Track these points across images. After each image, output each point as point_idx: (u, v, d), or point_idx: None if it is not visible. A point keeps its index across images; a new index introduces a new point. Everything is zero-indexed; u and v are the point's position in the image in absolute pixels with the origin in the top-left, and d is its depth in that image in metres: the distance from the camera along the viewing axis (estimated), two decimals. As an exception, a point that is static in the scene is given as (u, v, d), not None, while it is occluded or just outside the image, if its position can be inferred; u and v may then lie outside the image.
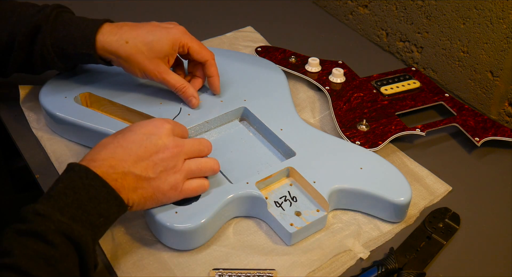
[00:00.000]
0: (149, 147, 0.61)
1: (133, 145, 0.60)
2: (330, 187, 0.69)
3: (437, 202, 0.75)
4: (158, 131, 0.62)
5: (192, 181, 0.65)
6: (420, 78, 0.92)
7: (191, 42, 0.76)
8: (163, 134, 0.62)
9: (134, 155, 0.60)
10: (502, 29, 0.83)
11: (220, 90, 0.83)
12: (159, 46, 0.74)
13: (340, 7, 1.11)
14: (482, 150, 0.83)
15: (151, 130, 0.62)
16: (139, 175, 0.60)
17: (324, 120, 0.86)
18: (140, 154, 0.60)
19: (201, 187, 0.65)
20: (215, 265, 0.65)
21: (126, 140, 0.61)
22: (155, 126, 0.63)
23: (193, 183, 0.65)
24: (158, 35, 0.74)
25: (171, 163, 0.62)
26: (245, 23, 1.08)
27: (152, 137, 0.62)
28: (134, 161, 0.60)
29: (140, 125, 0.63)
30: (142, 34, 0.74)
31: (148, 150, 0.61)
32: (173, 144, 0.62)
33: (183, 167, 0.63)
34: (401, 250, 0.67)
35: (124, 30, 0.74)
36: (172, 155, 0.62)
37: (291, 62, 0.94)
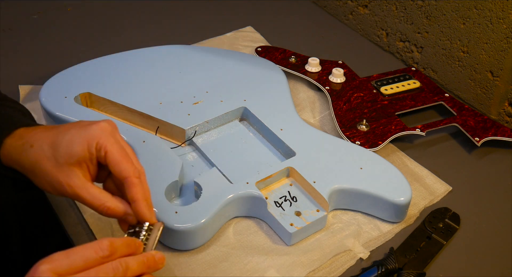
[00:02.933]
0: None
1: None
2: (330, 187, 0.69)
3: (437, 202, 0.75)
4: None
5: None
6: (420, 78, 0.92)
7: (112, 146, 0.55)
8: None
9: None
10: (502, 29, 0.83)
11: (220, 90, 0.83)
12: (68, 149, 0.54)
13: (340, 7, 1.11)
14: (482, 150, 0.83)
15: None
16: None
17: (324, 120, 0.86)
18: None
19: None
20: (215, 265, 0.65)
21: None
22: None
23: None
24: (70, 134, 0.55)
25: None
26: (245, 23, 1.08)
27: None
28: None
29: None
30: (51, 135, 0.56)
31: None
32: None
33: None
34: (401, 250, 0.67)
35: (36, 132, 0.57)
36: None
37: (291, 62, 0.94)
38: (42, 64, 0.95)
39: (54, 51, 0.99)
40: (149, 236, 0.56)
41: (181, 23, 1.08)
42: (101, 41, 1.02)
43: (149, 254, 0.53)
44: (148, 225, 0.56)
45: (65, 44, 1.01)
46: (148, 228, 0.56)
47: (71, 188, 0.54)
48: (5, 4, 1.10)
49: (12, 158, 0.57)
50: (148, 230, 0.56)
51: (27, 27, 1.05)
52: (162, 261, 0.53)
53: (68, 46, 1.01)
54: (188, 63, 0.89)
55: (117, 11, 1.11)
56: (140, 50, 0.92)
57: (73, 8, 1.11)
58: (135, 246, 0.52)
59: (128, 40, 1.02)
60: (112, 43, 1.01)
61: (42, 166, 0.55)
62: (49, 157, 0.55)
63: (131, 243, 0.52)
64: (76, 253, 0.48)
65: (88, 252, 0.48)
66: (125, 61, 0.88)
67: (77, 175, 0.55)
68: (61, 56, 0.98)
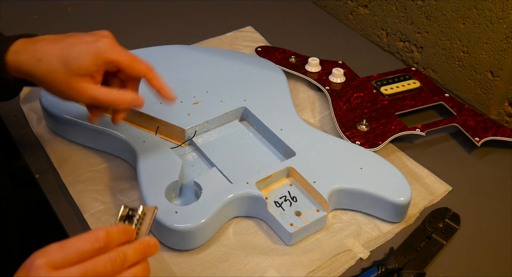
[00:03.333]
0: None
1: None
2: (330, 187, 0.69)
3: (437, 202, 0.75)
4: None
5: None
6: (420, 78, 0.92)
7: (120, 55, 0.63)
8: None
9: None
10: (502, 29, 0.83)
11: (220, 90, 0.83)
12: (77, 63, 0.61)
13: (340, 7, 1.11)
14: (482, 150, 0.83)
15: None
16: None
17: (324, 120, 0.86)
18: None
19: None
20: (215, 265, 0.65)
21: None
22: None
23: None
24: (76, 50, 0.62)
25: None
26: (245, 23, 1.08)
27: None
28: None
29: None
30: (58, 50, 0.62)
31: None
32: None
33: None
34: (401, 250, 0.67)
35: (38, 46, 0.63)
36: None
37: (291, 62, 0.94)
38: (42, 64, 0.95)
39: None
40: (142, 220, 0.55)
41: (181, 23, 1.08)
42: (101, 41, 1.02)
43: (144, 241, 0.52)
44: (142, 209, 0.56)
45: (65, 44, 1.01)
46: (142, 212, 0.56)
47: (84, 92, 0.62)
48: (5, 4, 1.10)
49: (22, 71, 0.62)
50: (142, 214, 0.56)
51: (27, 27, 1.05)
52: (156, 246, 0.53)
53: (68, 46, 1.00)
54: (188, 63, 0.89)
55: (117, 11, 1.11)
56: (140, 50, 0.91)
57: (73, 8, 1.11)
58: (130, 234, 0.52)
59: (128, 40, 1.02)
60: (112, 43, 1.01)
61: (54, 78, 0.61)
62: (59, 69, 0.61)
63: (126, 230, 0.52)
64: (72, 245, 0.47)
65: (84, 244, 0.47)
66: (125, 61, 0.88)
67: (87, 82, 0.62)
68: (61, 56, 0.97)
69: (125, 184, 0.74)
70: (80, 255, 0.47)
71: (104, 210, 0.70)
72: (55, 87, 0.63)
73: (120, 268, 0.49)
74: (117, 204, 0.71)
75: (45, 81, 0.62)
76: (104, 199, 0.71)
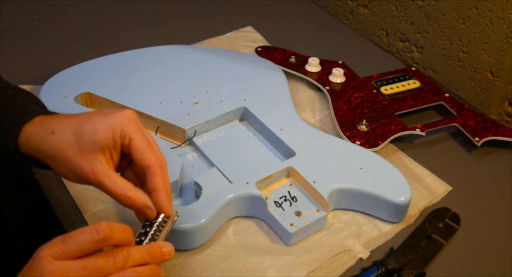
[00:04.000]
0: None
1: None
2: (330, 187, 0.69)
3: (437, 202, 0.75)
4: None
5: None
6: (420, 78, 0.92)
7: (136, 135, 0.55)
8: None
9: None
10: (502, 29, 0.83)
11: (220, 90, 0.83)
12: (92, 135, 0.54)
13: (340, 7, 1.11)
14: (482, 150, 0.83)
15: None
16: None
17: (324, 120, 0.86)
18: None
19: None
20: (215, 265, 0.65)
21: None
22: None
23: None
24: (93, 121, 0.55)
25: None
26: (245, 23, 1.08)
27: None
28: None
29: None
30: (74, 122, 0.55)
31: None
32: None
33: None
34: (401, 250, 0.67)
35: (56, 119, 0.57)
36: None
37: (291, 62, 0.94)
38: (42, 64, 0.95)
39: (54, 51, 0.99)
40: (162, 228, 0.55)
41: (181, 23, 1.08)
42: (101, 41, 1.02)
43: (155, 245, 0.52)
44: (163, 217, 0.56)
45: (65, 44, 1.01)
46: (163, 219, 0.56)
47: (94, 175, 0.53)
48: (5, 4, 1.10)
49: (32, 145, 0.56)
50: (163, 222, 0.56)
51: (27, 27, 1.05)
52: (170, 253, 0.53)
53: (68, 46, 1.00)
54: (188, 63, 0.89)
55: (117, 11, 1.11)
56: (140, 50, 0.92)
57: (73, 8, 1.11)
58: (130, 233, 0.51)
59: (128, 40, 1.02)
60: (112, 43, 1.01)
61: (64, 153, 0.54)
62: (71, 143, 0.54)
63: (127, 229, 0.51)
64: (72, 237, 0.47)
65: (84, 236, 0.47)
66: (125, 61, 0.88)
67: (101, 162, 0.54)
68: (61, 56, 0.98)
69: (125, 184, 0.74)
70: (79, 247, 0.47)
71: (104, 210, 0.70)
72: (65, 164, 0.55)
73: (122, 265, 0.49)
74: (117, 204, 0.71)
75: (55, 158, 0.55)
76: (104, 199, 0.71)
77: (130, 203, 0.54)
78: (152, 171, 0.55)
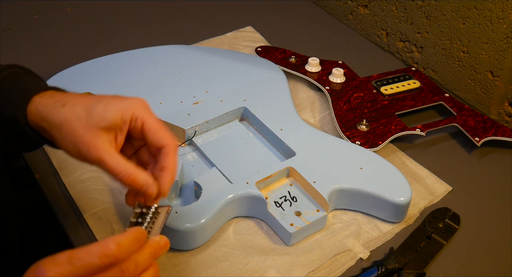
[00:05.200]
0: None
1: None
2: (330, 187, 0.69)
3: (437, 202, 0.75)
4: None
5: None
6: (420, 78, 0.92)
7: (149, 117, 0.56)
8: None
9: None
10: (502, 29, 0.83)
11: (220, 90, 0.83)
12: (102, 113, 0.54)
13: (340, 7, 1.11)
14: (482, 150, 0.83)
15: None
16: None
17: (324, 120, 0.86)
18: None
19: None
20: (215, 265, 0.65)
21: None
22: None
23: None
24: (105, 101, 0.56)
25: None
26: (245, 23, 1.08)
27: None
28: None
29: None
30: (86, 99, 0.56)
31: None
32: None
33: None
34: (401, 250, 0.67)
35: (67, 94, 0.58)
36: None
37: (291, 62, 0.94)
38: (42, 64, 0.95)
39: (54, 51, 0.99)
40: (155, 219, 0.55)
41: (181, 23, 1.08)
42: (101, 41, 1.02)
43: (154, 242, 0.52)
44: (156, 208, 0.55)
45: (65, 44, 1.01)
46: (156, 210, 0.56)
47: (96, 150, 0.54)
48: (5, 4, 1.10)
49: (41, 115, 0.56)
50: (156, 213, 0.55)
51: (27, 27, 1.05)
52: (167, 245, 0.52)
53: (68, 46, 1.01)
54: (188, 63, 0.89)
55: (117, 11, 1.11)
56: (140, 50, 0.92)
57: (73, 8, 1.11)
58: (143, 239, 0.51)
59: (128, 40, 1.02)
60: (112, 43, 1.01)
61: (71, 125, 0.54)
62: (80, 117, 0.54)
63: (139, 237, 0.50)
64: (81, 258, 0.46)
65: (93, 259, 0.46)
66: (125, 61, 0.88)
67: (104, 140, 0.54)
68: (61, 56, 0.98)
69: (125, 184, 0.74)
70: (88, 269, 0.46)
71: (104, 210, 0.70)
72: (69, 138, 0.55)
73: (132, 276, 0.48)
74: (117, 204, 0.71)
75: (61, 129, 0.55)
76: (104, 199, 0.71)
77: (130, 180, 0.54)
78: (167, 151, 0.56)
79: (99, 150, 0.54)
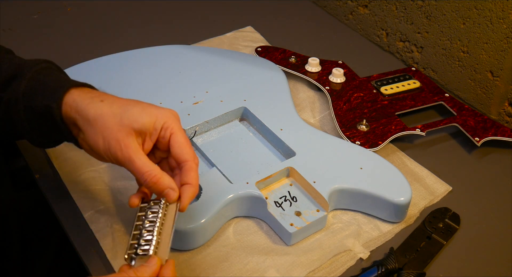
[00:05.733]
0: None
1: None
2: (330, 187, 0.69)
3: (437, 202, 0.75)
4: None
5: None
6: (420, 78, 0.92)
7: (178, 130, 0.59)
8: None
9: None
10: (502, 29, 0.83)
11: (220, 90, 0.83)
12: (137, 115, 0.57)
13: (340, 7, 1.11)
14: (482, 150, 0.83)
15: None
16: None
17: (324, 120, 0.86)
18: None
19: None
20: (215, 265, 0.65)
21: None
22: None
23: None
24: (141, 106, 0.58)
25: None
26: (245, 23, 1.08)
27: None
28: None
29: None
30: (123, 100, 0.59)
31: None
32: None
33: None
34: (401, 250, 0.67)
35: (106, 93, 0.60)
36: None
37: (291, 62, 0.94)
38: (42, 64, 0.95)
39: (54, 51, 0.99)
40: (166, 212, 0.57)
41: (181, 23, 1.08)
42: (101, 41, 1.02)
43: (158, 269, 0.53)
44: (165, 202, 0.57)
45: (65, 44, 1.01)
46: (165, 204, 0.57)
47: (126, 148, 0.56)
48: (5, 4, 1.10)
49: (77, 106, 0.57)
50: (165, 207, 0.57)
51: (27, 27, 1.05)
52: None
53: (68, 46, 1.01)
54: (188, 63, 0.89)
55: (117, 11, 1.11)
56: (140, 50, 0.92)
57: (73, 8, 1.11)
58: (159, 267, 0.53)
59: (128, 40, 1.02)
60: (112, 43, 1.01)
61: (106, 120, 0.56)
62: (116, 115, 0.57)
63: (155, 269, 0.53)
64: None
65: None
66: (125, 61, 0.88)
67: (134, 140, 0.57)
68: (61, 56, 0.97)
69: (125, 184, 0.74)
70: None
71: (104, 210, 0.70)
72: (101, 132, 0.57)
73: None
74: (117, 204, 0.71)
75: (95, 122, 0.57)
76: (104, 199, 0.71)
77: (154, 181, 0.56)
78: (189, 166, 0.58)
79: (129, 149, 0.56)
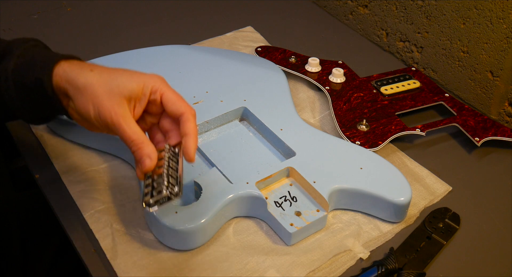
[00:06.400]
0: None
1: None
2: (330, 187, 0.69)
3: (437, 202, 0.75)
4: None
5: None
6: (420, 78, 0.92)
7: (167, 89, 0.61)
8: None
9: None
10: (502, 29, 0.83)
11: (220, 90, 0.83)
12: (126, 82, 0.59)
13: (340, 7, 1.11)
14: (482, 150, 0.83)
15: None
16: None
17: (324, 120, 0.86)
18: None
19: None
20: (215, 265, 0.65)
21: None
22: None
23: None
24: (129, 74, 0.61)
25: None
26: (245, 23, 1.08)
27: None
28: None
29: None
30: (111, 69, 0.61)
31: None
32: None
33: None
34: (401, 250, 0.67)
35: (94, 64, 0.62)
36: None
37: (291, 62, 0.94)
38: (42, 64, 0.95)
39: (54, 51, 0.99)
40: (175, 154, 0.61)
41: (181, 23, 1.08)
42: (101, 41, 1.02)
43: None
44: (169, 147, 0.61)
45: (65, 44, 1.01)
46: (175, 148, 0.62)
47: (115, 115, 0.58)
48: (5, 4, 1.10)
49: (67, 76, 0.59)
50: (176, 153, 0.62)
51: (27, 27, 1.05)
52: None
53: (68, 46, 1.00)
54: (188, 63, 0.89)
55: (117, 11, 1.11)
56: (140, 50, 0.92)
57: (73, 8, 1.11)
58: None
59: (128, 40, 1.02)
60: (112, 43, 1.01)
61: (96, 88, 0.58)
62: (105, 82, 0.59)
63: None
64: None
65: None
66: (125, 61, 0.88)
67: (124, 107, 0.59)
68: (61, 56, 0.97)
69: (125, 184, 0.74)
70: None
71: (104, 210, 0.70)
72: (91, 100, 0.58)
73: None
74: (117, 204, 0.71)
75: (85, 91, 0.58)
76: (104, 199, 0.72)
77: (140, 147, 0.59)
78: (186, 118, 0.60)
79: (119, 116, 0.58)
